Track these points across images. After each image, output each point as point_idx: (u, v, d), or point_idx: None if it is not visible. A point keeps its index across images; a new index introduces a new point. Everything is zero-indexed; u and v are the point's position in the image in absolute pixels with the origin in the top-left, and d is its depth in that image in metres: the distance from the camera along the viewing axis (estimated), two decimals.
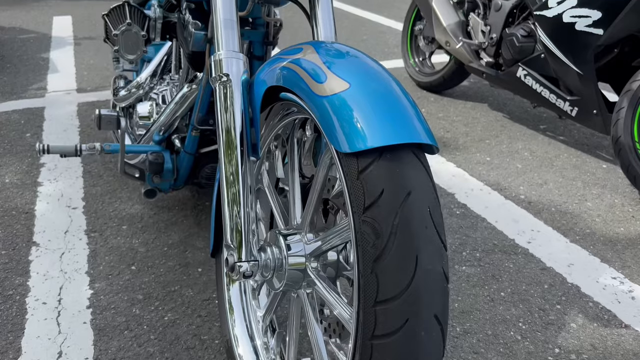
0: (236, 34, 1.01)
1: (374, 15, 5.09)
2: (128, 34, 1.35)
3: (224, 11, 1.01)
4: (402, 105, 0.73)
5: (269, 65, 0.95)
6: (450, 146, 2.36)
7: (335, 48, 0.87)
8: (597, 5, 1.88)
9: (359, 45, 4.01)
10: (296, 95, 0.84)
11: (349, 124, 0.71)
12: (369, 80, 0.76)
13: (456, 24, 2.61)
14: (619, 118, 1.89)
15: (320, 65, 0.81)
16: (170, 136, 1.54)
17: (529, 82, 2.26)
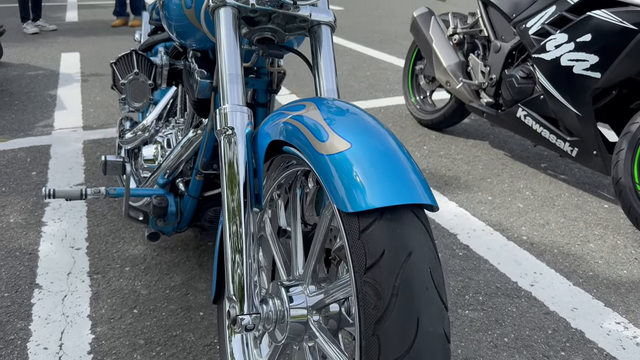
0: (241, 87, 1.04)
1: (375, 52, 5.18)
2: (135, 83, 1.38)
3: (230, 66, 1.04)
4: (402, 165, 0.75)
5: (273, 119, 0.97)
6: (452, 185, 2.37)
7: (336, 106, 0.89)
8: (593, 50, 1.92)
9: (361, 83, 4.08)
10: (299, 151, 0.86)
11: (351, 183, 0.73)
12: (370, 139, 0.78)
13: (456, 65, 2.66)
14: (619, 159, 1.91)
15: (322, 124, 0.83)
16: (174, 179, 1.56)
17: (529, 122, 2.29)
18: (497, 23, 2.50)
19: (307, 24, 1.17)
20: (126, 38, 5.73)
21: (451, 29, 2.73)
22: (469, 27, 2.69)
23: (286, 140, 0.89)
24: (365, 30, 6.38)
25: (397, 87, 3.97)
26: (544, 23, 2.14)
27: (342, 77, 4.26)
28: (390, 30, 6.33)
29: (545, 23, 2.14)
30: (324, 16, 1.17)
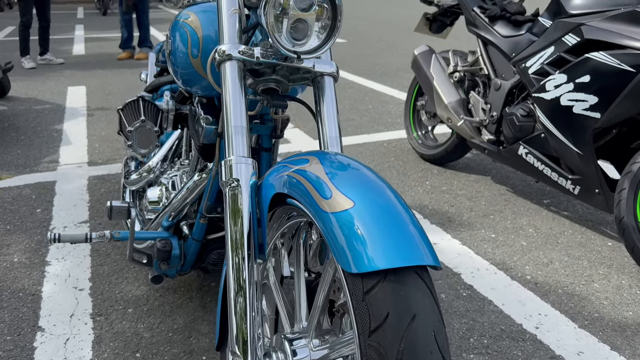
0: (246, 139, 1.06)
1: (377, 85, 5.25)
2: (142, 130, 1.41)
3: (235, 118, 1.07)
4: (405, 224, 0.76)
5: (277, 171, 0.98)
6: (455, 222, 2.38)
7: (338, 160, 0.91)
8: (592, 91, 1.95)
9: (363, 116, 4.12)
10: (303, 206, 0.87)
11: (355, 243, 0.74)
12: (373, 198, 0.79)
13: (457, 102, 2.69)
14: (621, 199, 1.91)
15: (325, 180, 0.84)
16: (178, 222, 1.57)
17: (531, 160, 2.30)
18: (497, 61, 2.55)
19: (310, 74, 1.20)
20: (132, 71, 5.83)
21: (452, 67, 2.78)
22: (469, 65, 2.74)
23: (290, 194, 0.91)
24: (367, 62, 6.48)
25: (398, 120, 4.01)
26: (543, 63, 2.18)
27: (345, 110, 4.31)
28: (391, 63, 6.42)
29: (544, 63, 2.17)
30: (327, 67, 1.20)
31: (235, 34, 1.14)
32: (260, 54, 1.13)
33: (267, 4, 1.05)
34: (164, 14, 13.26)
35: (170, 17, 12.37)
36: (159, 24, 10.64)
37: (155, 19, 11.71)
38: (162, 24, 10.68)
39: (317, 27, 1.11)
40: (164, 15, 12.68)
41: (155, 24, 10.69)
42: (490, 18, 2.54)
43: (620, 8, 1.97)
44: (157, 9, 14.82)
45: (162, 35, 9.02)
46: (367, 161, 3.14)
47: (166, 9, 14.68)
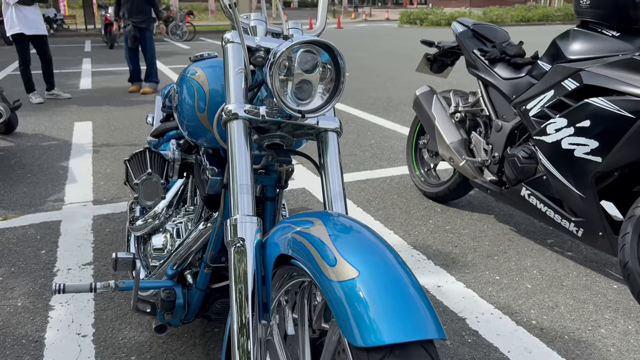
0: (251, 197, 1.08)
1: (379, 119, 5.31)
2: (148, 183, 1.43)
3: (240, 176, 1.09)
4: (411, 295, 0.77)
5: (282, 231, 1.00)
6: (459, 263, 2.37)
7: (341, 223, 0.92)
8: (593, 135, 1.97)
9: (366, 151, 4.15)
10: (308, 271, 0.88)
11: (360, 315, 0.74)
12: (378, 267, 0.80)
13: (459, 142, 2.72)
14: (625, 243, 1.91)
15: (329, 245, 0.85)
16: (182, 271, 1.57)
17: (533, 201, 2.31)
18: (497, 103, 2.58)
19: (314, 130, 1.23)
20: (139, 107, 5.91)
21: (453, 107, 2.82)
22: (470, 105, 2.77)
23: (294, 256, 0.92)
24: (369, 96, 6.56)
25: (401, 156, 4.04)
26: (543, 106, 2.21)
27: (347, 145, 4.35)
28: (393, 97, 6.50)
29: (544, 106, 2.20)
30: (331, 123, 1.23)
31: (241, 93, 1.17)
32: (266, 112, 1.16)
33: (273, 66, 1.08)
34: (170, 47, 13.52)
35: (175, 50, 12.61)
36: (165, 57, 10.84)
37: (162, 52, 11.94)
38: (168, 57, 10.88)
39: (321, 88, 1.14)
40: (170, 49, 12.93)
41: (161, 57, 10.89)
42: (490, 60, 2.58)
43: (619, 54, 2.00)
44: (164, 41, 15.12)
45: (168, 68, 9.18)
46: (371, 198, 3.15)
47: (172, 42, 14.97)
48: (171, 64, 9.77)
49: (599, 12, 2.09)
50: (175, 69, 9.14)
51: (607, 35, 2.08)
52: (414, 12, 23.97)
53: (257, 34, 1.27)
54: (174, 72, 8.68)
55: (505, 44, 2.68)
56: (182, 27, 15.41)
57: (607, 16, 2.08)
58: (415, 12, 23.59)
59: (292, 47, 1.09)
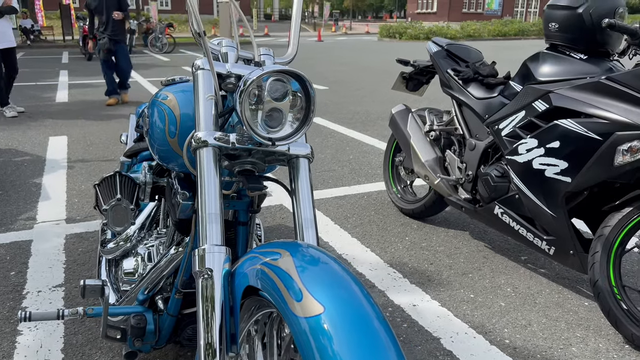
0: (219, 226, 1.07)
1: (358, 134, 5.34)
2: (117, 209, 1.41)
3: (209, 205, 1.08)
4: (375, 331, 0.77)
5: (250, 262, 0.99)
6: (434, 281, 2.38)
7: (310, 255, 0.92)
8: (562, 156, 2.01)
9: (344, 167, 4.17)
10: (275, 304, 0.88)
11: (325, 351, 0.74)
12: (344, 302, 0.80)
13: (434, 160, 2.75)
14: (595, 262, 1.95)
15: (296, 279, 0.85)
16: (154, 296, 1.55)
17: (506, 219, 2.34)
18: (471, 122, 2.62)
19: (285, 156, 1.23)
20: (116, 121, 5.85)
21: (428, 126, 2.85)
22: (444, 124, 2.81)
23: (262, 289, 0.91)
24: (348, 111, 6.60)
25: (379, 171, 4.06)
26: (515, 126, 2.25)
27: (326, 160, 4.36)
28: (371, 111, 6.55)
29: (516, 126, 2.24)
30: (302, 150, 1.23)
31: (211, 120, 1.17)
32: (236, 139, 1.16)
33: (243, 95, 1.08)
34: (149, 59, 13.44)
35: (155, 62, 12.54)
36: (144, 70, 10.77)
37: (141, 64, 11.87)
38: (147, 69, 10.81)
39: (291, 116, 1.15)
40: (149, 61, 12.85)
41: (140, 69, 10.82)
42: (464, 80, 2.62)
43: (586, 77, 2.06)
44: (143, 53, 15.04)
45: (147, 81, 9.12)
46: (348, 215, 3.15)
47: (152, 54, 14.89)
48: (150, 77, 9.71)
49: (567, 35, 2.15)
50: (154, 81, 9.08)
51: (575, 58, 2.14)
52: (393, 26, 24.29)
53: (228, 60, 1.27)
54: (153, 85, 8.63)
55: (478, 63, 2.73)
56: (162, 39, 15.34)
57: (575, 40, 2.13)
58: (394, 26, 23.91)
59: (262, 76, 1.09)
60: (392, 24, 26.33)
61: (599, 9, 2.06)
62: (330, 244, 2.75)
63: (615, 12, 2.07)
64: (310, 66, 11.87)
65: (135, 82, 8.85)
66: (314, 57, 14.38)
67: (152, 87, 8.42)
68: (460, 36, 23.21)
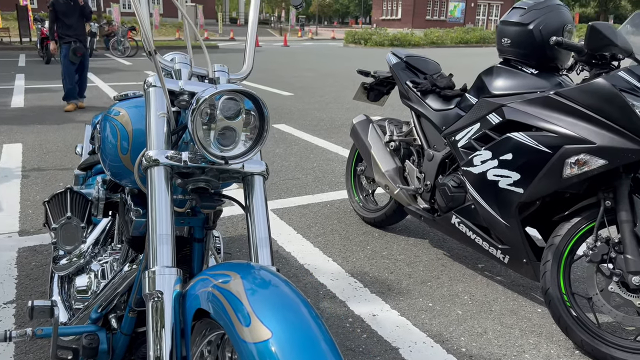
0: (170, 247, 1.06)
1: (322, 141, 5.36)
2: (67, 227, 1.38)
3: (160, 226, 1.07)
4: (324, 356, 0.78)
5: (202, 284, 0.98)
6: (394, 290, 2.41)
7: (261, 278, 0.92)
8: (515, 168, 2.07)
9: (308, 175, 4.18)
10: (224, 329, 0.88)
11: None
12: (292, 326, 0.81)
13: (394, 170, 2.79)
14: (546, 270, 2.01)
15: (245, 304, 0.85)
16: (107, 314, 1.52)
17: (463, 229, 2.40)
18: (429, 133, 2.68)
19: (240, 174, 1.22)
20: (73, 126, 5.70)
21: (388, 136, 2.89)
22: (404, 135, 2.86)
23: (212, 312, 0.91)
24: (313, 117, 6.62)
25: (342, 179, 4.09)
26: (470, 138, 2.31)
27: (290, 168, 4.36)
28: (336, 118, 6.59)
29: (471, 138, 2.30)
30: (256, 167, 1.23)
31: (162, 138, 1.16)
32: (189, 158, 1.15)
33: (195, 113, 1.08)
34: (111, 63, 13.15)
35: (117, 66, 12.28)
36: (105, 74, 10.53)
37: (103, 68, 11.60)
38: (109, 74, 10.58)
39: (244, 135, 1.14)
40: (111, 65, 12.57)
41: (101, 73, 10.58)
42: (422, 92, 2.68)
43: (537, 91, 2.13)
44: (104, 57, 14.70)
45: (108, 86, 8.92)
46: (311, 224, 3.16)
47: (114, 58, 14.57)
48: (112, 81, 9.50)
49: (519, 51, 2.22)
50: (116, 86, 8.89)
51: (527, 72, 2.21)
52: (358, 32, 24.52)
53: (182, 77, 1.26)
54: (114, 90, 8.44)
55: (436, 75, 2.79)
56: (124, 43, 15.04)
57: (527, 55, 2.21)
58: (359, 32, 24.15)
59: (215, 95, 1.09)
60: (357, 30, 26.59)
61: (548, 25, 2.14)
62: (293, 254, 2.75)
63: (563, 28, 2.16)
64: (276, 71, 11.86)
65: (95, 87, 8.66)
66: (279, 62, 14.38)
67: (112, 92, 8.24)
68: (424, 43, 23.63)
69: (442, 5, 44.00)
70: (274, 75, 11.09)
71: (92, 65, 10.52)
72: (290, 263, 2.65)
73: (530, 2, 2.22)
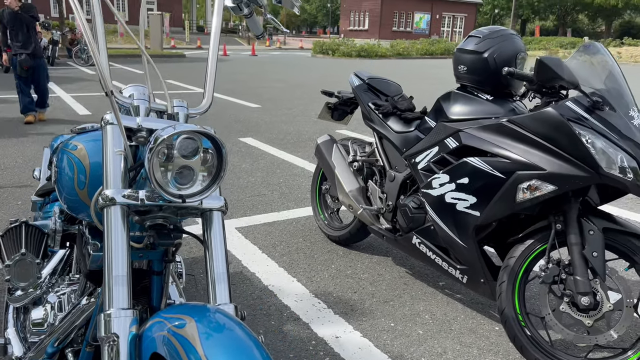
0: (126, 289, 1.06)
1: (288, 155, 5.38)
2: (21, 264, 1.36)
3: (115, 267, 1.07)
4: None
5: (158, 326, 0.99)
6: (357, 310, 2.45)
7: (216, 322, 0.94)
8: (471, 192, 2.14)
9: (274, 191, 4.19)
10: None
11: None
12: None
13: (357, 190, 2.84)
14: (502, 291, 2.08)
15: (199, 351, 0.86)
16: (64, 348, 1.49)
17: (423, 249, 2.46)
18: (390, 154, 2.73)
19: (198, 210, 1.23)
20: (32, 140, 5.55)
21: (351, 157, 2.94)
22: (367, 155, 2.91)
23: (167, 358, 0.92)
24: (280, 130, 6.64)
25: (308, 195, 4.12)
26: (429, 161, 2.37)
27: (256, 184, 4.36)
28: (303, 131, 6.63)
29: (430, 161, 2.37)
30: (215, 203, 1.24)
31: (119, 177, 1.16)
32: (146, 196, 1.15)
33: (152, 153, 1.08)
34: (74, 72, 12.86)
35: (79, 76, 12.02)
36: (67, 84, 10.30)
37: (65, 77, 11.34)
38: (71, 84, 10.35)
39: (202, 175, 1.16)
40: (74, 74, 12.30)
41: (63, 83, 10.35)
42: (384, 114, 2.73)
43: (492, 117, 2.21)
44: (67, 66, 14.38)
45: (70, 97, 8.73)
46: (276, 243, 3.17)
47: (76, 67, 14.27)
48: (74, 92, 9.30)
49: (474, 77, 2.30)
50: (78, 97, 8.71)
51: (482, 98, 2.29)
52: (326, 42, 24.73)
53: (140, 113, 1.27)
54: (77, 102, 8.27)
55: (397, 97, 2.85)
56: (87, 51, 14.74)
57: (482, 82, 2.29)
58: (327, 43, 24.35)
59: (172, 136, 1.10)
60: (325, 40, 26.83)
61: (502, 54, 2.23)
62: (257, 275, 2.75)
63: (516, 57, 2.25)
64: (244, 82, 11.84)
65: (57, 98, 8.46)
66: (247, 73, 14.35)
67: (75, 104, 8.08)
68: (391, 54, 24.00)
69: (408, 17, 44.85)
70: (242, 87, 11.07)
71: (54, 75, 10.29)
72: (254, 284, 2.65)
73: (485, 31, 2.31)
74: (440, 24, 46.03)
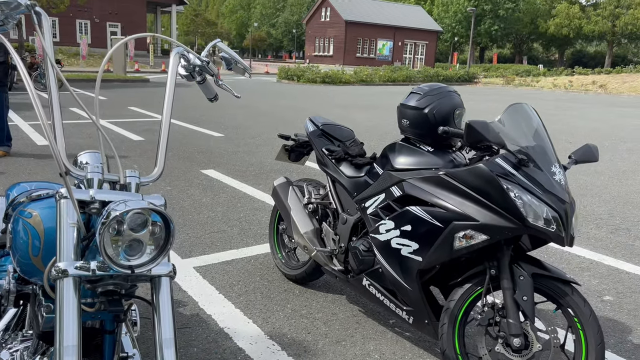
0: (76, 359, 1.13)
1: (250, 188, 5.47)
2: None
3: (66, 337, 1.14)
4: None
5: None
6: (310, 352, 2.54)
7: None
8: (414, 238, 2.29)
9: (234, 227, 4.25)
10: None
11: None
12: None
13: (312, 232, 2.95)
14: (443, 333, 2.22)
15: None
16: None
17: (373, 291, 2.58)
18: (343, 198, 2.87)
19: (147, 276, 1.32)
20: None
21: (306, 199, 3.06)
22: (321, 197, 3.04)
23: None
24: (243, 162, 6.72)
25: (267, 231, 4.20)
26: (377, 207, 2.52)
27: (216, 220, 4.42)
28: (265, 163, 6.73)
29: (377, 207, 2.51)
30: (163, 269, 1.33)
31: (72, 250, 1.24)
32: (97, 267, 1.23)
33: (104, 228, 1.17)
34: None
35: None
36: (26, 111, 10.13)
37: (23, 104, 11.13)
38: (30, 112, 10.18)
39: (150, 248, 1.25)
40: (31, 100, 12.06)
41: (22, 110, 10.17)
42: (336, 159, 2.88)
43: (432, 168, 2.38)
44: (26, 92, 14.10)
45: (28, 125, 8.60)
46: (234, 282, 3.24)
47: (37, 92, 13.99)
48: (33, 119, 9.16)
49: (416, 131, 2.47)
50: (37, 125, 8.58)
51: (424, 150, 2.46)
52: (291, 68, 25.06)
53: (93, 186, 1.35)
54: (35, 131, 8.15)
55: (349, 142, 3.01)
56: None
57: (423, 135, 2.46)
58: (292, 69, 24.68)
59: (123, 213, 1.19)
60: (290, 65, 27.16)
61: (441, 110, 2.42)
62: (213, 317, 2.81)
63: (454, 112, 2.44)
64: (208, 109, 11.89)
65: (15, 127, 8.32)
66: None
67: (33, 133, 7.96)
68: (354, 81, 24.51)
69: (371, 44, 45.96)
70: (205, 114, 11.11)
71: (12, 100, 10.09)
72: (210, 327, 2.71)
73: (426, 88, 2.50)
74: (403, 51, 47.34)
